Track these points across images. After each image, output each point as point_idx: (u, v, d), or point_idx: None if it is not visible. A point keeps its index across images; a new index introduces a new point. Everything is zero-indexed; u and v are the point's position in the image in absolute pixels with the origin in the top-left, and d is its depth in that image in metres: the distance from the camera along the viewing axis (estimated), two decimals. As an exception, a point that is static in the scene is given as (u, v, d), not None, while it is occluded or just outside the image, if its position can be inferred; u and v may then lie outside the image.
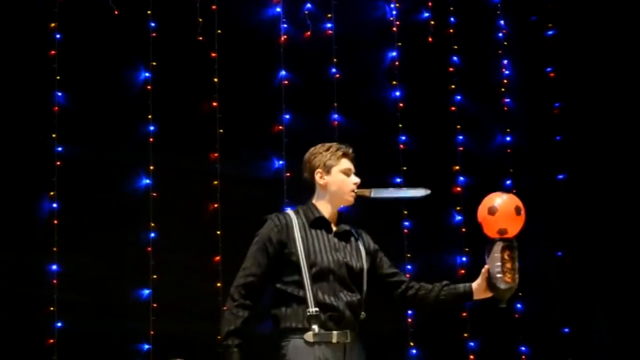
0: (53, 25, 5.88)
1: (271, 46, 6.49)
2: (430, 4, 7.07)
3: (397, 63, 6.89)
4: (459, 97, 7.04)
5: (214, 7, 6.32)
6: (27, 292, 5.60)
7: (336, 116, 6.57)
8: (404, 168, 6.69)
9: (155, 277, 5.83)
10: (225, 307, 3.71)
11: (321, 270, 3.65)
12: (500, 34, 7.33)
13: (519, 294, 6.47)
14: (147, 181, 5.97)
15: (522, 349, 6.87)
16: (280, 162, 6.33)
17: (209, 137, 6.17)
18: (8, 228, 5.59)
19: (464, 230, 6.81)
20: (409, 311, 6.41)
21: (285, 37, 6.54)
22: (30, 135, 5.76)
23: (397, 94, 6.84)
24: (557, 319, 6.90)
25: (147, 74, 6.09)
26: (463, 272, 6.67)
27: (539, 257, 6.80)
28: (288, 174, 6.27)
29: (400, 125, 6.80)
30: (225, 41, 6.32)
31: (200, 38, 6.27)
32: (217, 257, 5.99)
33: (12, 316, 5.54)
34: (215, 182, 6.13)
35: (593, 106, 6.89)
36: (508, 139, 7.19)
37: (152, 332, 5.77)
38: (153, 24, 6.13)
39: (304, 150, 3.93)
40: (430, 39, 7.03)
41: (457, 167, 6.95)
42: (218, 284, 5.90)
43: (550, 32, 7.20)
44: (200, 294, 5.92)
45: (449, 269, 6.66)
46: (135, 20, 6.08)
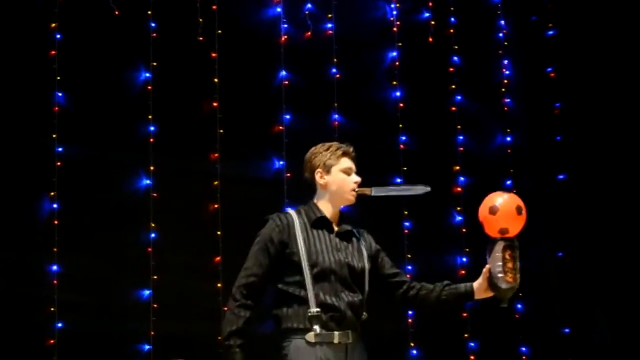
0: (53, 25, 5.88)
1: (271, 46, 6.48)
2: (430, 4, 7.07)
3: (397, 63, 6.89)
4: (459, 97, 7.03)
5: (214, 7, 6.31)
6: (27, 293, 5.60)
7: (336, 116, 6.57)
8: (404, 168, 6.68)
9: (155, 277, 5.83)
10: (226, 308, 3.70)
11: (323, 270, 3.64)
12: (500, 34, 7.32)
13: (520, 294, 6.47)
14: (148, 181, 5.97)
15: (523, 349, 6.87)
16: (281, 163, 6.33)
17: (209, 137, 6.17)
18: (8, 228, 5.59)
19: (464, 230, 6.80)
20: (410, 311, 6.41)
21: (286, 37, 6.53)
22: (31, 136, 5.76)
23: (398, 94, 6.83)
24: (557, 319, 6.89)
25: (147, 74, 6.08)
26: (463, 272, 6.66)
27: (540, 258, 6.80)
28: (288, 174, 6.26)
29: (400, 126, 6.79)
30: (225, 41, 6.31)
31: (201, 38, 6.26)
32: (218, 258, 5.99)
33: (12, 316, 5.53)
34: (215, 183, 6.13)
35: (593, 106, 6.88)
36: (508, 139, 7.18)
37: (152, 333, 5.77)
38: (153, 24, 6.13)
39: (304, 150, 3.92)
40: (430, 39, 7.02)
41: (457, 167, 6.95)
42: (218, 284, 5.90)
43: (551, 32, 7.20)
44: (201, 294, 5.92)
45: (450, 270, 6.65)
46: (135, 21, 6.08)
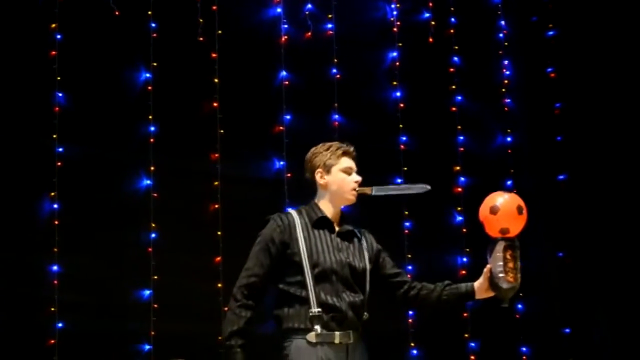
0: (53, 25, 5.88)
1: (272, 46, 6.48)
2: (430, 4, 7.06)
3: (397, 63, 6.88)
4: (459, 98, 7.03)
5: (214, 7, 6.31)
6: (27, 293, 5.60)
7: (337, 116, 6.56)
8: (405, 168, 6.68)
9: (155, 277, 5.83)
10: (227, 308, 3.70)
11: (324, 270, 3.64)
12: (500, 35, 7.31)
13: (520, 294, 6.46)
14: (148, 181, 5.97)
15: (523, 349, 6.86)
16: (281, 163, 6.32)
17: (210, 137, 6.16)
18: (9, 228, 5.59)
19: (464, 230, 6.79)
20: (411, 311, 6.41)
21: (286, 37, 6.53)
22: (31, 136, 5.76)
23: (398, 94, 6.83)
24: (558, 319, 6.89)
25: (147, 75, 6.08)
26: (464, 272, 6.66)
27: (540, 258, 6.79)
28: (289, 175, 6.26)
29: (400, 126, 6.79)
30: (225, 42, 6.31)
31: (201, 38, 6.26)
32: (218, 258, 5.98)
33: (12, 316, 5.54)
34: (215, 183, 6.12)
35: (594, 106, 6.88)
36: (509, 139, 7.17)
37: (152, 333, 5.77)
38: (154, 25, 6.13)
39: (304, 150, 3.92)
40: (430, 40, 7.01)
41: (457, 168, 6.94)
42: (219, 285, 5.89)
43: (551, 33, 7.19)
44: (201, 294, 5.91)
45: (450, 270, 6.64)
46: (135, 21, 6.08)
